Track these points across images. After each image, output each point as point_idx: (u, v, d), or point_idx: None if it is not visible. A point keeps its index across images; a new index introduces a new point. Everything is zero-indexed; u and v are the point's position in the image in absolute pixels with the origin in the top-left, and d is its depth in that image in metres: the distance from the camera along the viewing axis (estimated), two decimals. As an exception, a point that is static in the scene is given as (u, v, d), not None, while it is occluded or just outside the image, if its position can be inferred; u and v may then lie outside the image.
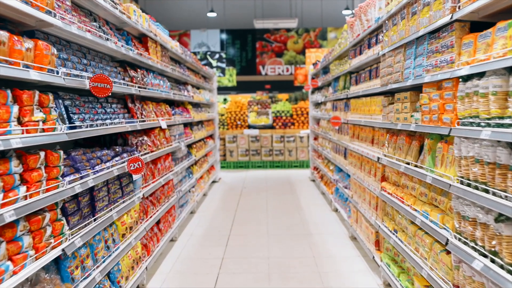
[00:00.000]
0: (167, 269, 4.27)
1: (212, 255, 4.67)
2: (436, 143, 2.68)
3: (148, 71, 4.59)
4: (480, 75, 2.06)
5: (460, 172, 2.26)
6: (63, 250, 2.31)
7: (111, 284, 3.08)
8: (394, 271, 3.42)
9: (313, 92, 9.36)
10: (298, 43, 18.40)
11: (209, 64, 16.47)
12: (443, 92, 2.48)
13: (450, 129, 2.34)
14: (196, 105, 7.80)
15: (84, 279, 2.59)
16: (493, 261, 1.93)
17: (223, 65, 16.94)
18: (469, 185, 2.16)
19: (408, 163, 3.11)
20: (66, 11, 2.59)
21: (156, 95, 4.60)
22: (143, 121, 4.08)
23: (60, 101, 2.56)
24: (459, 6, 2.28)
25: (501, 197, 1.86)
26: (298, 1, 15.80)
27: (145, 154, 4.04)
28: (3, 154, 2.01)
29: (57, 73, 2.38)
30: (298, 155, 11.25)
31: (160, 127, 4.74)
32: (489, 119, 1.96)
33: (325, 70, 7.66)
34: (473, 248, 2.12)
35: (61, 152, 2.38)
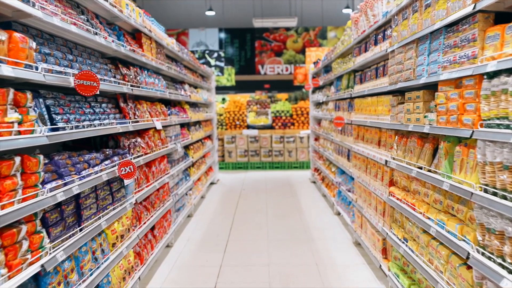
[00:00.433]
0: (162, 279, 4.03)
1: (210, 262, 4.43)
2: (454, 147, 2.45)
3: (142, 69, 4.35)
4: (510, 72, 1.83)
5: (484, 180, 2.03)
6: (43, 266, 2.08)
7: (100, 298, 2.84)
8: (404, 283, 3.19)
9: (314, 92, 9.13)
10: (298, 42, 18.18)
11: (208, 63, 16.23)
12: (463, 91, 2.25)
13: (472, 132, 2.11)
14: (194, 105, 7.56)
15: (68, 296, 2.36)
16: (526, 282, 1.71)
17: (222, 64, 16.70)
18: (496, 194, 1.93)
19: (421, 168, 2.88)
20: (48, 1, 2.35)
21: (151, 94, 4.36)
22: (136, 122, 3.84)
23: (41, 100, 2.32)
24: (483, -5, 2.06)
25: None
26: (298, 0, 15.56)
27: (139, 157, 3.81)
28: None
29: (36, 69, 2.14)
30: (298, 156, 11.02)
31: (155, 128, 4.51)
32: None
33: (327, 69, 7.43)
34: (501, 265, 1.89)
35: (41, 157, 2.15)
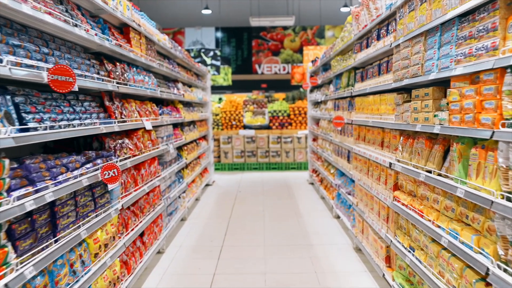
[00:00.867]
0: (151, 289, 3.79)
1: (202, 270, 4.19)
2: (469, 149, 2.21)
3: (131, 66, 4.10)
4: (540, 63, 1.60)
5: (507, 186, 1.80)
6: (6, 286, 1.82)
7: (79, 315, 2.59)
8: (411, 295, 2.96)
9: (312, 91, 8.90)
10: (295, 42, 17.97)
11: (203, 62, 15.98)
12: (481, 87, 2.02)
13: (493, 132, 1.88)
14: (188, 104, 7.31)
15: (40, 316, 2.11)
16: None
17: (218, 63, 16.45)
18: (521, 204, 1.70)
19: (430, 171, 2.65)
20: (17, -14, 2.10)
21: (140, 93, 4.11)
22: (123, 122, 3.59)
23: (8, 97, 2.07)
24: (504, -21, 1.82)
25: None
26: (295, -2, 15.34)
27: (126, 159, 3.55)
28: None
29: (1, 62, 1.89)
30: (296, 157, 10.78)
31: (145, 128, 4.26)
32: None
33: (326, 67, 7.19)
34: (528, 285, 1.66)
35: (6, 161, 1.90)
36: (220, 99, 13.40)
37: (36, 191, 2.14)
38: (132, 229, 3.69)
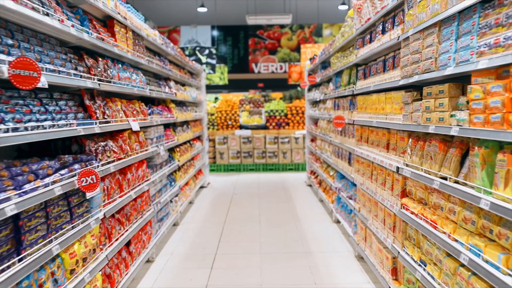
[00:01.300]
0: (137, 304, 3.49)
1: (194, 282, 3.89)
2: (494, 154, 1.93)
3: (115, 62, 3.80)
4: None
5: (547, 200, 1.51)
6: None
7: None
8: (422, 314, 2.68)
9: (310, 90, 8.61)
10: (292, 40, 17.69)
11: (199, 60, 15.68)
12: (511, 82, 1.74)
13: (528, 136, 1.60)
14: (181, 104, 7.00)
15: None
16: None
17: (213, 62, 16.15)
18: None
19: (445, 178, 2.36)
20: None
21: (126, 91, 3.81)
22: (107, 122, 3.29)
23: (-41, 95, 1.77)
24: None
25: None
26: (293, -4, 15.04)
27: (109, 163, 3.25)
28: None
29: None
30: (293, 157, 10.49)
31: (132, 129, 3.96)
32: None
33: (325, 65, 6.91)
34: None
35: (-48, 170, 1.60)
36: (216, 99, 13.10)
37: (-6, 204, 1.84)
38: (117, 239, 3.39)
